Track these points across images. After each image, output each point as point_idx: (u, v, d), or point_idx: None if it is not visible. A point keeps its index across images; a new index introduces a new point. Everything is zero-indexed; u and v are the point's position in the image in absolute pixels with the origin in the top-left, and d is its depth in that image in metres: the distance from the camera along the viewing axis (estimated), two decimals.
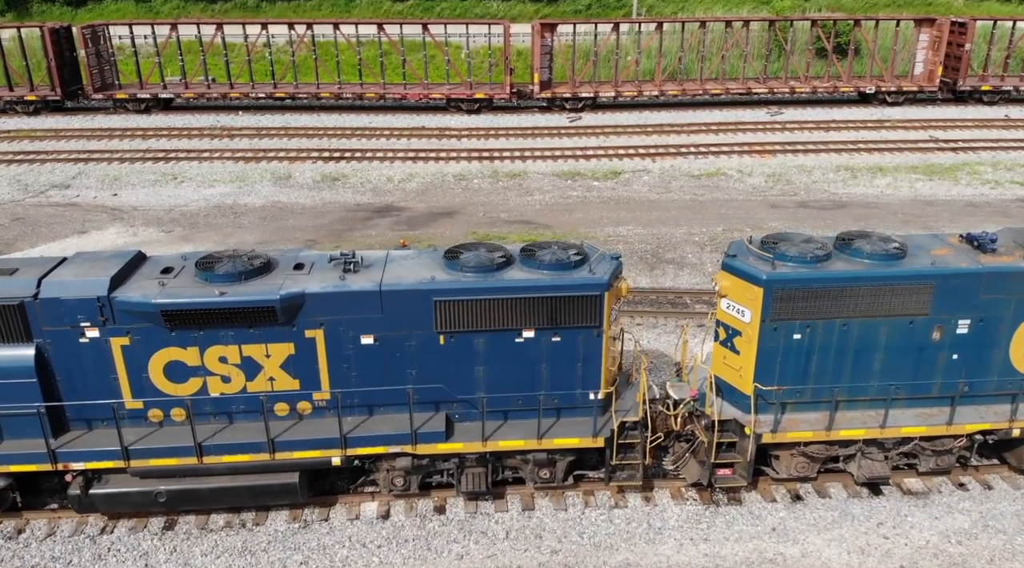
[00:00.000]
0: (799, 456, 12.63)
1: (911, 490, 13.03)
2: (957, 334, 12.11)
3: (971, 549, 11.77)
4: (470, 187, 29.63)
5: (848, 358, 12.15)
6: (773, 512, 12.55)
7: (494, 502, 12.68)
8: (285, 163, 31.52)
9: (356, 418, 11.92)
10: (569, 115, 38.77)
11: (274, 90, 38.74)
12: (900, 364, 12.25)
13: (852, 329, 11.96)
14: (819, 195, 28.37)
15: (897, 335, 12.04)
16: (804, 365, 12.17)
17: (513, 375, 11.91)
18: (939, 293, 11.79)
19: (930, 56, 39.66)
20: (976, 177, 30.03)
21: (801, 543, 11.91)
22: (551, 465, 12.39)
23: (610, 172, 30.93)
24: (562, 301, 11.45)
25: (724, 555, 11.68)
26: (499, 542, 11.95)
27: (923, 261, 11.93)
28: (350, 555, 11.72)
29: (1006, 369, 12.42)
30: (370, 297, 11.15)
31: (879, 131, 35.98)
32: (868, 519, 12.37)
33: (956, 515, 12.45)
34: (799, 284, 11.64)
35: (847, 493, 12.94)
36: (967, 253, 12.20)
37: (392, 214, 26.95)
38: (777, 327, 11.88)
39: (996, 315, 12.04)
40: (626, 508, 12.62)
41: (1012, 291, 11.91)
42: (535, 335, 11.69)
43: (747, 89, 39.14)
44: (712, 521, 12.37)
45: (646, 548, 11.84)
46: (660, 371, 16.29)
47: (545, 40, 38.02)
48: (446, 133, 36.07)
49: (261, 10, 55.45)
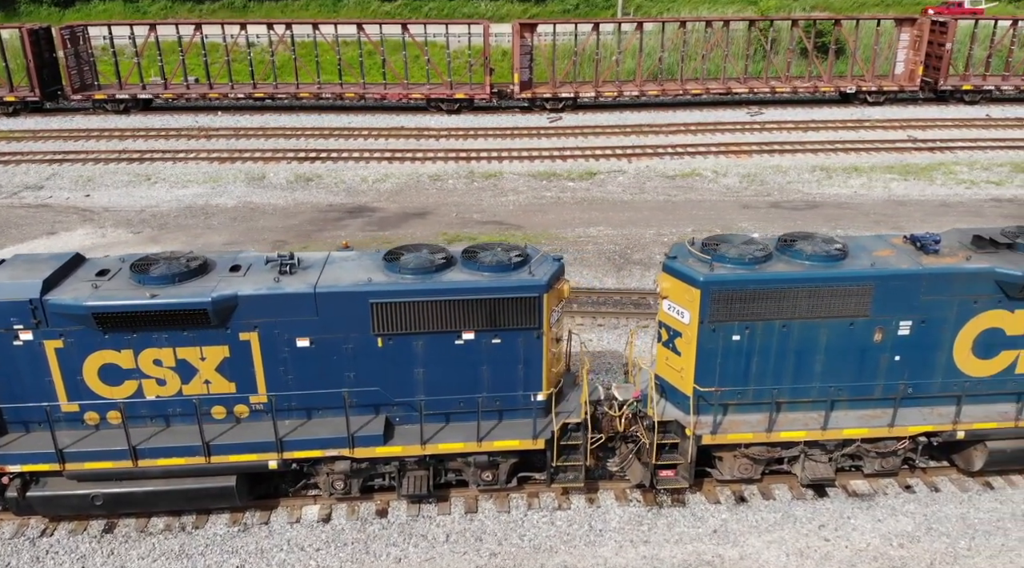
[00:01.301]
0: (742, 458, 12.59)
1: (856, 492, 12.99)
2: (899, 335, 12.07)
3: (912, 552, 11.73)
4: (445, 188, 29.58)
5: (789, 360, 12.11)
6: (716, 514, 12.51)
7: (437, 505, 12.63)
8: (260, 163, 31.45)
9: (294, 421, 11.86)
10: (549, 115, 38.72)
11: (253, 90, 38.69)
12: (842, 366, 12.21)
13: (792, 330, 11.92)
14: (792, 195, 28.34)
15: (837, 337, 12.00)
16: (744, 366, 12.13)
17: (454, 377, 11.85)
18: (879, 294, 11.75)
19: (911, 56, 39.65)
20: (951, 177, 30.01)
21: (741, 545, 11.87)
22: (494, 467, 12.34)
23: (586, 173, 30.88)
24: (501, 303, 11.39)
25: (662, 557, 11.63)
26: (439, 545, 11.90)
27: (863, 263, 11.88)
28: (287, 559, 11.66)
29: (950, 371, 12.38)
30: (304, 299, 11.09)
31: (857, 131, 35.96)
32: (810, 521, 12.33)
33: (900, 517, 12.41)
34: (736, 286, 11.59)
35: (791, 495, 12.90)
36: (909, 254, 12.16)
37: (364, 215, 26.89)
38: (716, 328, 11.83)
39: (938, 316, 12.00)
40: (569, 510, 12.57)
41: (954, 292, 11.87)
42: (475, 337, 11.63)
43: (727, 89, 39.11)
44: (654, 523, 12.32)
45: (585, 550, 11.80)
46: (616, 372, 16.27)
47: (525, 40, 37.97)
48: (425, 133, 36.01)
49: (249, 10, 55.47)
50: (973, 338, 12.17)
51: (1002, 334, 12.17)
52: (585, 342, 18.35)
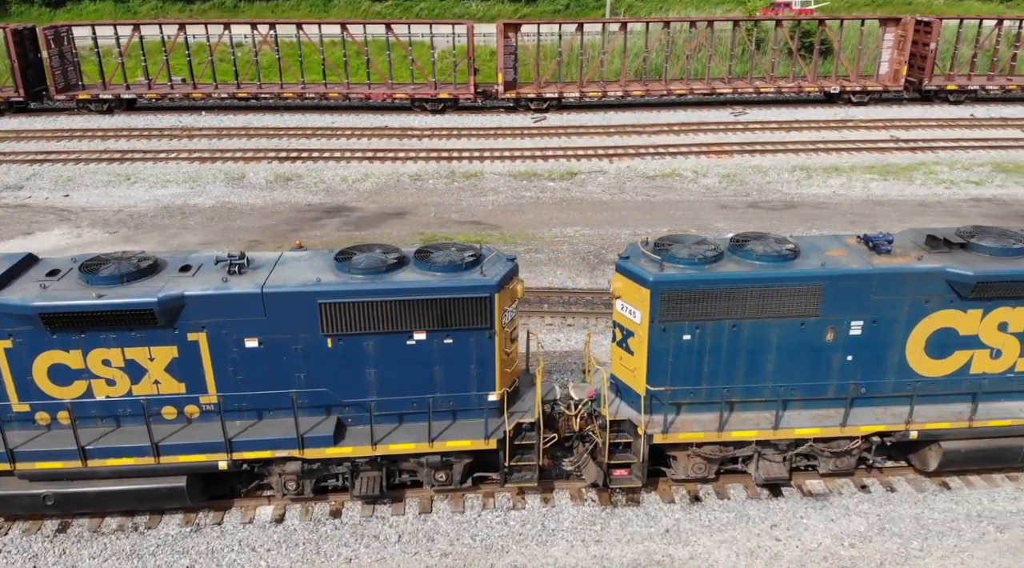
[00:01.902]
0: (695, 457, 12.59)
1: (811, 492, 13.00)
2: (850, 335, 12.08)
3: (863, 552, 11.74)
4: (425, 187, 29.57)
5: (740, 359, 12.12)
6: (669, 513, 12.51)
7: (391, 505, 12.62)
8: (240, 163, 31.42)
9: (245, 422, 11.84)
10: (534, 116, 38.72)
11: (237, 90, 38.66)
12: (794, 365, 12.21)
13: (742, 330, 11.93)
14: (771, 195, 28.36)
15: (788, 336, 12.01)
16: (696, 366, 12.14)
17: (406, 378, 11.84)
18: (828, 294, 11.76)
19: (895, 56, 39.68)
20: (932, 177, 30.05)
21: (692, 545, 11.87)
22: (447, 468, 12.33)
23: (566, 173, 30.88)
24: (452, 303, 11.39)
25: (612, 557, 11.63)
26: (390, 545, 11.89)
27: (813, 263, 11.89)
28: (238, 559, 11.65)
29: (903, 370, 12.39)
30: (252, 299, 11.08)
31: (840, 131, 35.98)
32: (763, 521, 12.33)
33: (853, 517, 12.42)
34: (686, 286, 11.60)
35: (746, 494, 12.90)
36: (861, 254, 12.17)
37: (342, 214, 26.89)
38: (666, 328, 11.84)
39: (890, 316, 12.01)
40: (523, 510, 12.56)
41: (905, 292, 11.88)
42: (427, 337, 11.63)
43: (711, 90, 39.13)
44: (607, 522, 12.32)
45: (537, 550, 11.80)
46: (580, 373, 16.27)
47: (509, 40, 37.98)
48: (408, 133, 36.00)
49: (239, 10, 55.42)
50: (926, 338, 12.18)
51: (955, 334, 12.19)
52: (554, 342, 18.45)
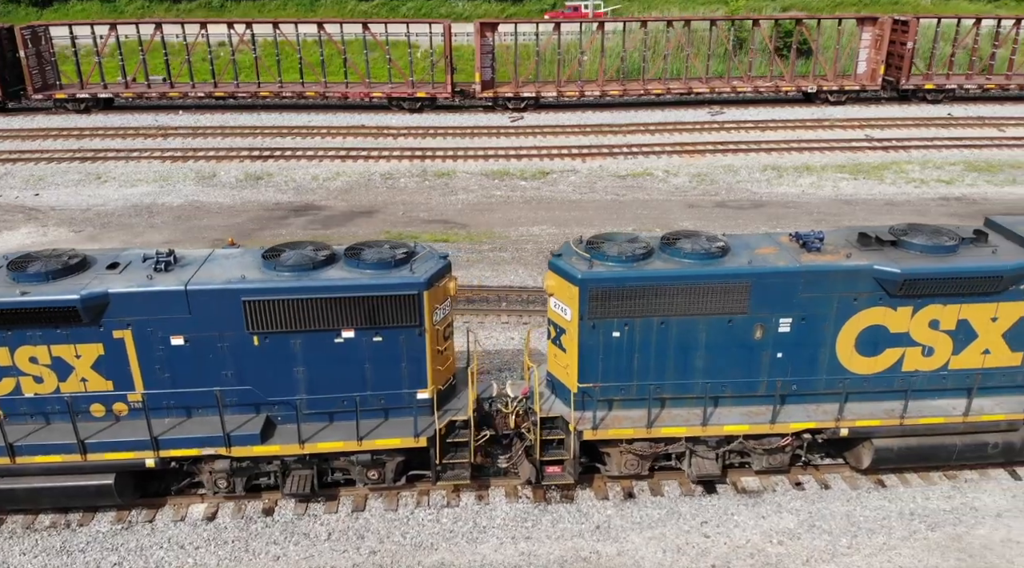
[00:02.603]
0: (628, 453, 12.60)
1: (745, 489, 13.02)
2: (779, 332, 12.10)
3: (791, 549, 11.75)
4: (396, 186, 29.58)
5: (670, 356, 12.14)
6: (602, 510, 12.52)
7: (325, 504, 12.64)
8: (212, 162, 31.42)
9: (174, 420, 11.85)
10: (511, 115, 38.74)
11: (214, 90, 38.65)
12: (724, 362, 12.24)
13: (671, 327, 11.95)
14: (740, 195, 28.38)
15: (717, 333, 12.03)
16: (626, 362, 12.16)
17: (335, 376, 11.84)
18: (756, 292, 11.78)
19: (873, 55, 39.73)
20: (902, 176, 30.08)
21: (621, 541, 11.88)
22: (379, 466, 12.34)
23: (538, 172, 30.89)
24: (380, 301, 11.39)
25: (540, 553, 11.65)
26: (320, 543, 11.90)
27: (740, 260, 11.91)
28: (166, 556, 11.66)
29: (834, 368, 12.41)
30: (176, 297, 11.08)
31: (816, 130, 36.01)
32: (694, 517, 12.35)
33: (784, 514, 12.43)
34: (613, 283, 11.62)
35: (680, 491, 12.92)
36: (791, 252, 12.19)
37: (310, 213, 26.88)
38: (595, 325, 11.86)
39: (818, 314, 12.03)
40: (457, 507, 12.58)
41: (833, 290, 11.90)
42: (355, 335, 11.63)
43: (689, 89, 39.15)
44: (539, 519, 12.33)
45: (466, 547, 11.81)
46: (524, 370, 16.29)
47: (486, 40, 37.98)
48: (384, 132, 36.00)
49: (226, 9, 55.47)
50: (856, 335, 12.20)
51: (886, 331, 12.21)
52: (508, 340, 18.45)
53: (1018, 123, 37.57)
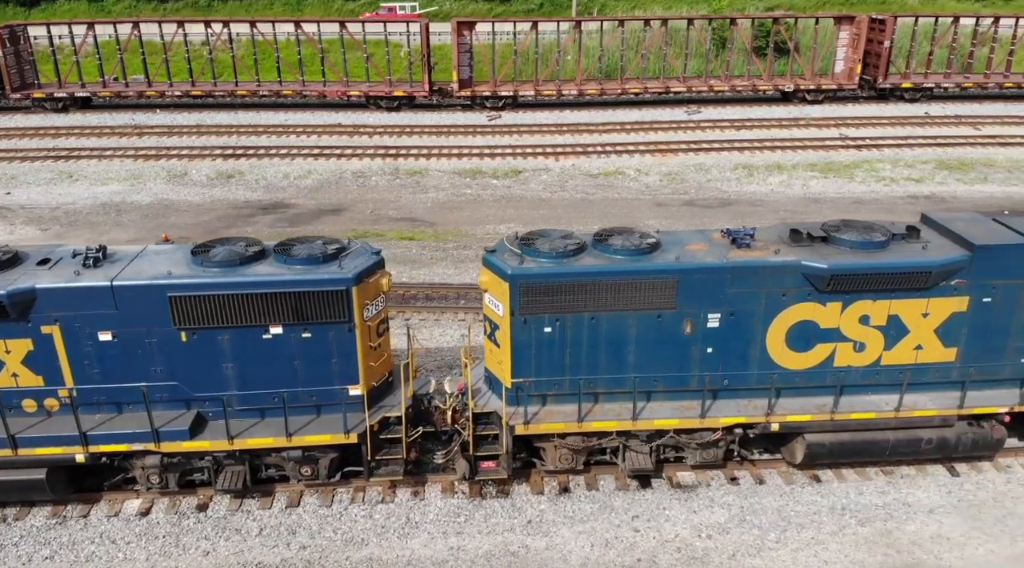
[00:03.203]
0: (562, 448, 12.66)
1: (680, 483, 13.07)
2: (708, 328, 12.15)
3: (718, 544, 11.80)
4: (367, 184, 29.62)
5: (601, 351, 12.19)
6: (536, 505, 12.57)
7: (259, 499, 12.68)
8: (185, 161, 31.44)
9: (105, 415, 11.89)
10: (488, 114, 38.77)
11: (192, 88, 38.64)
12: (654, 357, 12.28)
13: (601, 322, 12.00)
14: (708, 193, 28.44)
15: (647, 329, 12.08)
16: (559, 358, 12.20)
17: (265, 372, 11.87)
18: (683, 287, 11.83)
19: (850, 54, 39.79)
20: (873, 174, 30.16)
21: (551, 535, 11.93)
22: (312, 462, 12.38)
23: (511, 171, 30.94)
24: (307, 296, 11.43)
25: (468, 548, 11.69)
26: (251, 538, 11.94)
27: (668, 256, 11.96)
28: (97, 551, 11.69)
29: (765, 363, 12.46)
30: (102, 293, 11.11)
31: (791, 129, 36.05)
32: (626, 512, 12.40)
33: (716, 509, 12.49)
34: (543, 279, 11.67)
35: (615, 486, 12.98)
36: (721, 248, 12.24)
37: (278, 211, 26.92)
38: (527, 320, 11.91)
39: (747, 309, 12.08)
40: (391, 503, 12.62)
41: (761, 285, 11.95)
42: (283, 331, 11.66)
43: (666, 88, 39.20)
44: (472, 514, 12.38)
45: (396, 542, 11.85)
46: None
47: (464, 39, 37.98)
48: (360, 130, 36.02)
49: (213, 9, 55.40)
50: (785, 331, 12.26)
51: (815, 327, 12.27)
52: (461, 338, 18.48)
53: (995, 121, 37.68)
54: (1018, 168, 31.11)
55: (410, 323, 18.76)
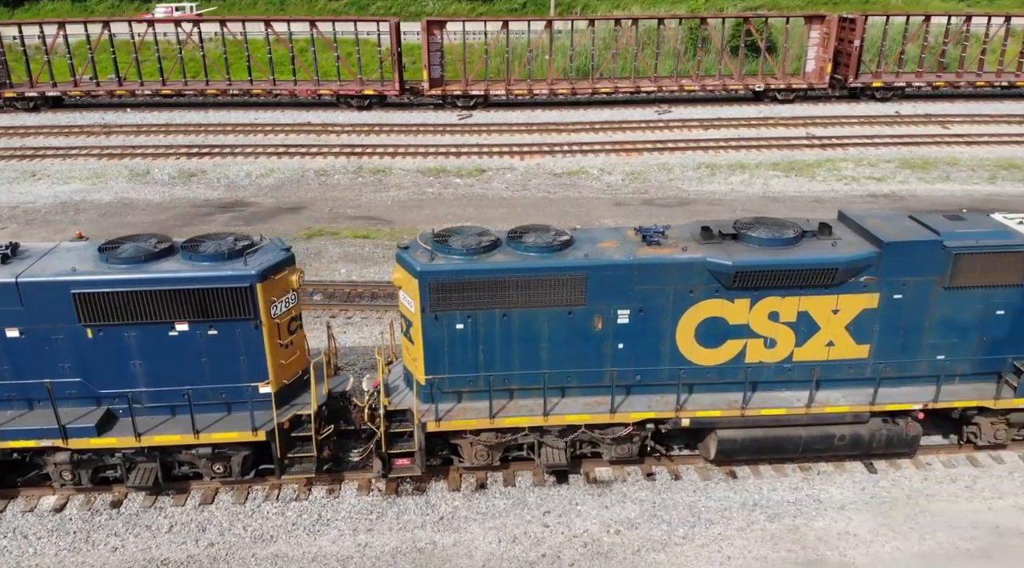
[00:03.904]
0: (477, 445, 12.69)
1: (597, 479, 13.11)
2: (619, 324, 12.19)
3: (625, 539, 11.83)
4: (329, 182, 29.65)
5: (514, 347, 12.22)
6: (450, 501, 12.60)
7: (174, 496, 12.70)
8: (149, 159, 31.44)
9: (16, 411, 11.89)
10: (459, 113, 38.81)
11: (162, 87, 38.64)
12: (567, 353, 12.32)
13: (513, 319, 12.03)
14: (669, 192, 28.49)
15: (559, 325, 12.12)
16: (472, 354, 12.23)
17: (172, 369, 11.86)
18: (593, 284, 11.86)
19: (820, 53, 39.86)
20: (835, 173, 30.22)
21: (460, 531, 11.95)
22: (224, 460, 12.40)
23: (475, 170, 30.96)
24: (212, 293, 11.43)
25: (375, 545, 11.71)
26: (160, 535, 11.95)
27: (579, 254, 12.00)
28: (8, 545, 11.69)
29: (676, 359, 12.50)
30: (7, 289, 11.12)
31: (759, 129, 36.09)
32: (539, 507, 12.43)
33: (628, 504, 12.52)
34: (452, 275, 11.70)
35: (533, 481, 13.01)
36: (631, 245, 12.27)
37: (237, 209, 26.93)
38: (438, 317, 11.93)
39: (656, 306, 12.12)
40: (305, 500, 12.64)
41: (668, 282, 11.98)
42: (189, 328, 11.68)
43: (637, 88, 39.25)
44: (385, 512, 12.40)
45: (305, 539, 11.87)
46: None
47: (434, 38, 38.03)
48: (328, 129, 36.03)
49: (195, 10, 55.35)
50: (695, 327, 12.30)
51: (725, 323, 12.31)
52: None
53: (964, 120, 37.77)
54: (981, 167, 31.20)
55: (352, 321, 18.83)
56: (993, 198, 27.93)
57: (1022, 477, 13.12)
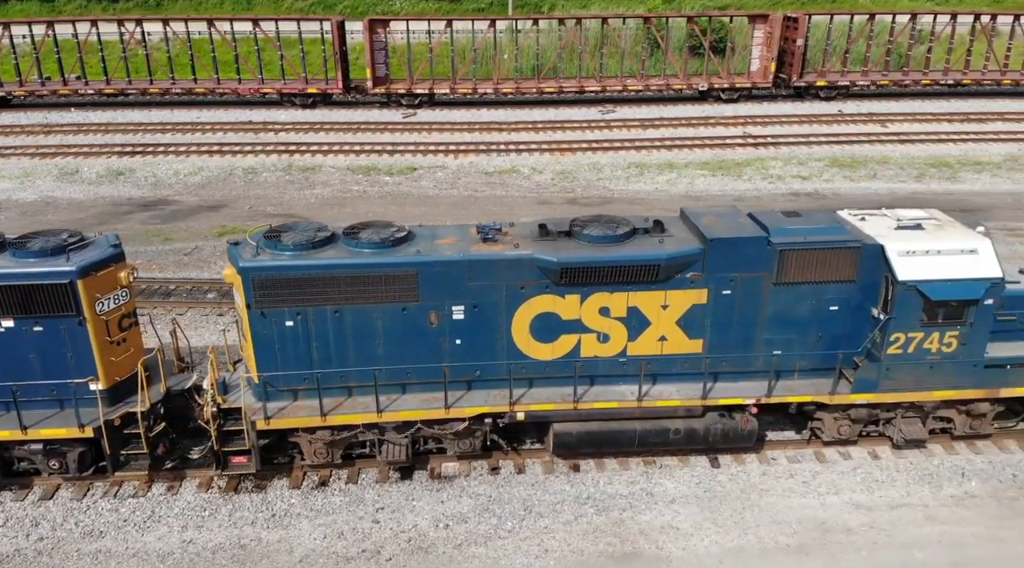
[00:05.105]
0: (316, 442, 12.74)
1: (442, 474, 13.17)
2: (454, 320, 12.26)
3: (452, 533, 11.88)
4: (256, 181, 29.63)
5: (349, 344, 12.27)
6: (287, 499, 12.63)
7: (15, 491, 12.71)
8: (79, 158, 31.39)
9: None
10: (404, 111, 38.85)
11: (106, 86, 38.58)
12: (403, 349, 12.38)
13: (345, 316, 12.08)
14: (594, 192, 28.56)
15: (393, 322, 12.18)
16: (305, 352, 12.28)
17: (1, 365, 11.90)
18: (424, 280, 11.93)
19: (764, 52, 39.98)
20: (761, 172, 30.32)
21: (289, 528, 12.00)
22: (60, 456, 12.41)
23: (407, 168, 30.98)
24: (32, 290, 11.46)
25: (199, 541, 11.74)
26: None
27: (411, 250, 12.06)
28: None
29: (513, 354, 12.57)
30: None
31: (698, 128, 36.16)
32: (375, 504, 12.48)
33: (464, 499, 12.58)
34: (277, 272, 11.74)
35: (376, 478, 13.06)
36: (467, 242, 12.34)
37: (158, 208, 26.91)
38: (265, 314, 11.97)
39: (489, 302, 12.19)
40: (142, 497, 12.67)
41: (500, 279, 12.06)
42: (15, 324, 11.70)
43: (581, 88, 39.33)
44: (219, 509, 12.42)
45: (134, 535, 11.89)
46: None
47: (378, 36, 38.07)
48: (268, 127, 35.97)
49: (163, 7, 55.30)
50: (529, 322, 12.38)
51: (558, 319, 12.39)
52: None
53: (905, 119, 37.93)
54: (911, 165, 31.35)
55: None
56: (915, 196, 28.09)
57: (864, 473, 13.24)
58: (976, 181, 29.86)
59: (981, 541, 11.81)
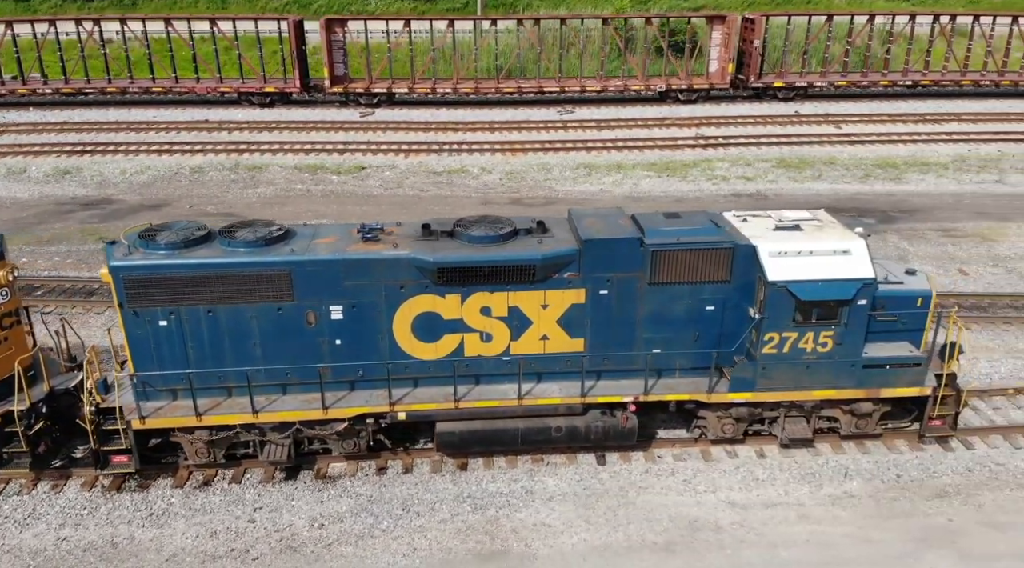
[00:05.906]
0: (196, 443, 12.77)
1: (328, 474, 13.24)
2: (333, 320, 12.32)
3: (326, 533, 11.93)
4: (201, 180, 29.61)
5: (225, 344, 12.32)
6: (168, 498, 12.67)
7: None
8: (28, 157, 31.34)
9: None
10: (361, 110, 38.87)
11: (64, 86, 38.47)
12: (281, 350, 12.43)
13: (220, 315, 12.13)
14: (538, 192, 28.64)
15: (268, 321, 12.23)
16: (180, 351, 12.32)
17: None
18: (299, 280, 11.99)
19: (722, 53, 40.13)
20: (706, 173, 30.45)
21: (164, 527, 12.04)
22: None
23: (355, 167, 31.00)
24: None
25: (73, 539, 11.78)
26: None
27: (285, 249, 12.11)
28: None
29: (396, 353, 12.64)
30: None
31: (652, 129, 36.24)
32: (254, 504, 12.54)
33: (344, 499, 12.65)
34: (148, 271, 11.78)
35: (261, 477, 13.11)
36: (346, 242, 12.40)
37: (100, 207, 26.89)
38: (138, 313, 12.01)
39: (368, 302, 12.26)
40: (26, 494, 12.69)
41: (379, 278, 12.13)
42: None
43: (539, 88, 39.41)
44: (99, 507, 12.47)
45: (11, 532, 11.97)
46: None
47: (336, 36, 38.10)
48: (223, 126, 35.93)
49: (137, 6, 55.11)
50: (411, 322, 12.45)
51: (439, 318, 12.46)
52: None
53: (860, 120, 38.11)
54: (858, 166, 31.54)
55: None
56: (856, 196, 28.31)
57: (746, 472, 13.35)
58: (920, 182, 30.08)
59: (852, 541, 11.92)
